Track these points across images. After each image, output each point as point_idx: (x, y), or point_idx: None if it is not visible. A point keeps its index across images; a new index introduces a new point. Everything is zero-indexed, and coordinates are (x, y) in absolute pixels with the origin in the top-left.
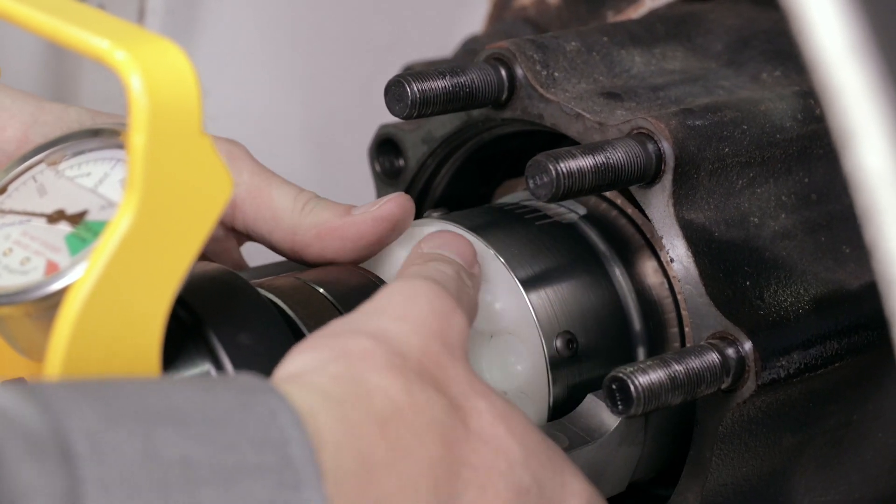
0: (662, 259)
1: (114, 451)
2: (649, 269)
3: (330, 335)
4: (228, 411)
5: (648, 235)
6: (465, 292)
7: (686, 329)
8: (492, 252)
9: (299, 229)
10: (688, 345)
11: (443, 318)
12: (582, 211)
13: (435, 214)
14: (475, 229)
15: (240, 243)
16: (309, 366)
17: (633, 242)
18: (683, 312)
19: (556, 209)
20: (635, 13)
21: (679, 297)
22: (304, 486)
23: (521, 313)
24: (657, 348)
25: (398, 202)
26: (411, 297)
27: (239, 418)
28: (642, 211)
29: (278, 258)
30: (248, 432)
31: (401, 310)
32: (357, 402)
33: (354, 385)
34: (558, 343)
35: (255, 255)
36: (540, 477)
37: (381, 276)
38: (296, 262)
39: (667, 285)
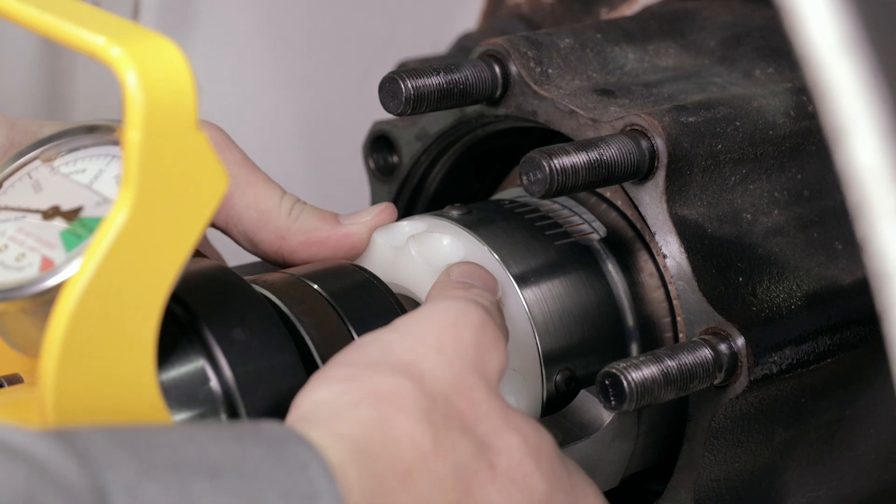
0: (655, 255)
1: None
2: (642, 266)
3: (358, 366)
4: (260, 463)
5: (642, 231)
6: (501, 322)
7: (679, 325)
8: (514, 286)
9: (287, 234)
10: (681, 340)
11: (484, 349)
12: (603, 233)
13: (454, 213)
14: (495, 251)
15: None
16: (336, 400)
17: (627, 238)
18: (676, 308)
19: (577, 226)
20: (629, 10)
21: (672, 292)
22: None
23: (529, 351)
24: (650, 344)
25: (389, 212)
26: (454, 322)
27: (270, 471)
28: (636, 207)
29: (250, 258)
30: (279, 485)
31: (439, 338)
32: (383, 452)
33: (382, 431)
34: (558, 378)
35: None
36: None
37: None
38: (274, 264)
39: (660, 281)
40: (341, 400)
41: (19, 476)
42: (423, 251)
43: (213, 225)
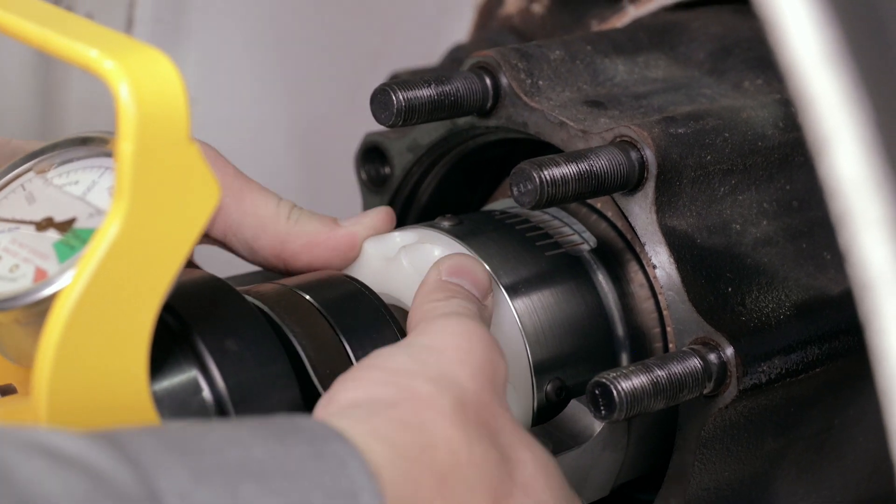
0: (645, 265)
1: None
2: (632, 276)
3: (391, 371)
4: (303, 462)
5: (631, 242)
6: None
7: (669, 335)
8: (504, 296)
9: (288, 237)
10: (670, 350)
11: (492, 364)
12: (593, 243)
13: (445, 224)
14: (486, 262)
15: None
16: (372, 401)
17: (617, 249)
18: (666, 318)
19: (568, 236)
20: (619, 22)
21: (662, 303)
22: None
23: (519, 361)
24: (640, 354)
25: (388, 215)
26: (465, 339)
27: (313, 469)
28: (625, 218)
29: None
30: (322, 483)
31: (458, 354)
32: (421, 456)
33: (420, 435)
34: (548, 388)
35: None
36: None
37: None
38: (274, 271)
39: (649, 291)
40: (379, 402)
41: (79, 486)
42: (414, 261)
43: (211, 237)
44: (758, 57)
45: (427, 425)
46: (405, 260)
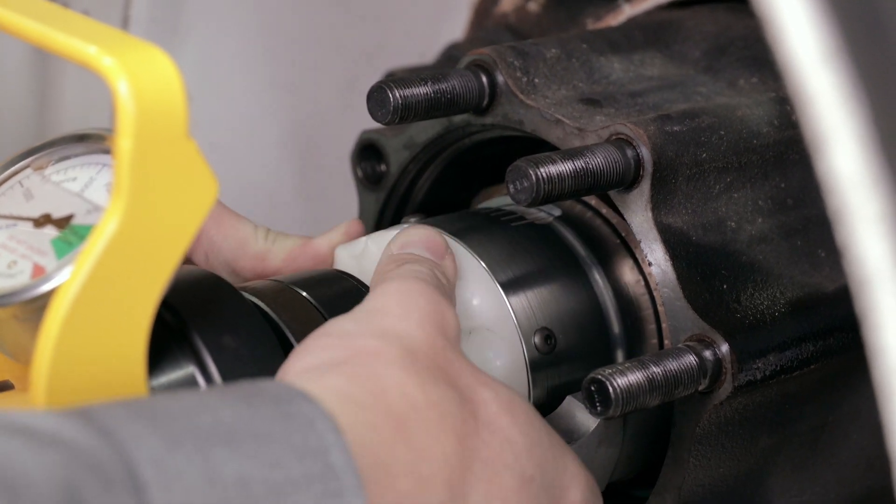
0: (641, 262)
1: (178, 476)
2: (627, 273)
3: (337, 335)
4: (271, 423)
5: (627, 239)
6: (444, 287)
7: (664, 331)
8: (466, 250)
9: (268, 255)
10: (666, 347)
11: (439, 314)
12: (557, 212)
13: (412, 220)
14: (454, 233)
15: None
16: (323, 363)
17: (612, 246)
18: (661, 315)
19: (533, 212)
20: (614, 20)
21: (657, 299)
22: (346, 492)
23: (498, 309)
24: (635, 350)
25: (358, 224)
26: (406, 296)
27: (282, 430)
28: (621, 215)
29: None
30: (291, 443)
31: (400, 309)
32: (375, 402)
33: (371, 383)
34: (536, 339)
35: None
36: (542, 464)
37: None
38: None
39: (645, 288)
40: (328, 363)
41: (56, 462)
42: (380, 244)
43: (192, 261)
44: (753, 55)
45: (377, 372)
46: (373, 246)
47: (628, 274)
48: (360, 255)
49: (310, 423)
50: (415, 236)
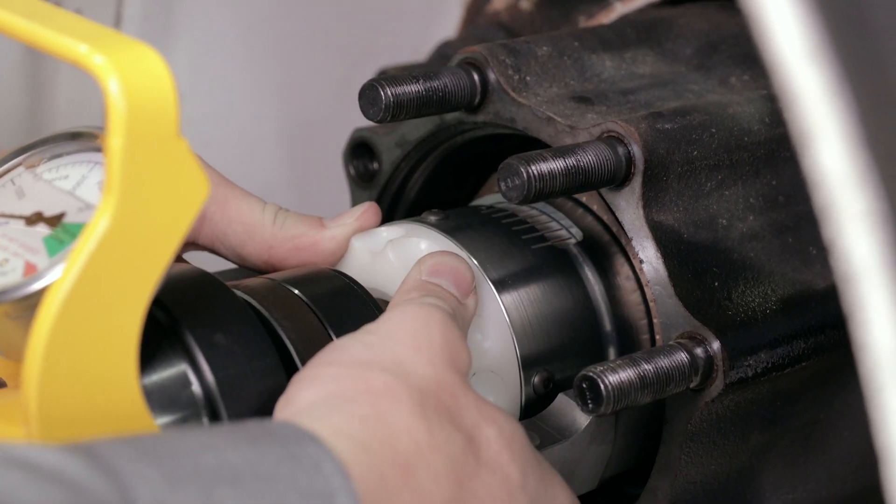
0: (632, 259)
1: None
2: (619, 270)
3: (347, 365)
4: (277, 464)
5: (618, 236)
6: (462, 321)
7: (656, 328)
8: (491, 289)
9: (275, 242)
10: (657, 344)
11: (453, 348)
12: (580, 236)
13: (432, 218)
14: (473, 256)
15: None
16: (330, 396)
17: (603, 243)
18: (653, 312)
19: (555, 231)
20: (606, 18)
21: (648, 296)
22: None
23: (507, 353)
24: (627, 347)
25: (374, 212)
26: (424, 326)
27: (288, 472)
28: (612, 212)
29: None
30: (297, 485)
31: (415, 339)
32: (383, 448)
33: (380, 427)
34: (536, 380)
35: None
36: (534, 495)
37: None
38: (265, 274)
39: (636, 285)
40: (336, 398)
41: (57, 497)
42: (401, 255)
43: (200, 245)
44: (744, 53)
45: (386, 416)
46: (391, 254)
47: (620, 271)
48: (378, 256)
49: (316, 465)
50: (446, 266)
